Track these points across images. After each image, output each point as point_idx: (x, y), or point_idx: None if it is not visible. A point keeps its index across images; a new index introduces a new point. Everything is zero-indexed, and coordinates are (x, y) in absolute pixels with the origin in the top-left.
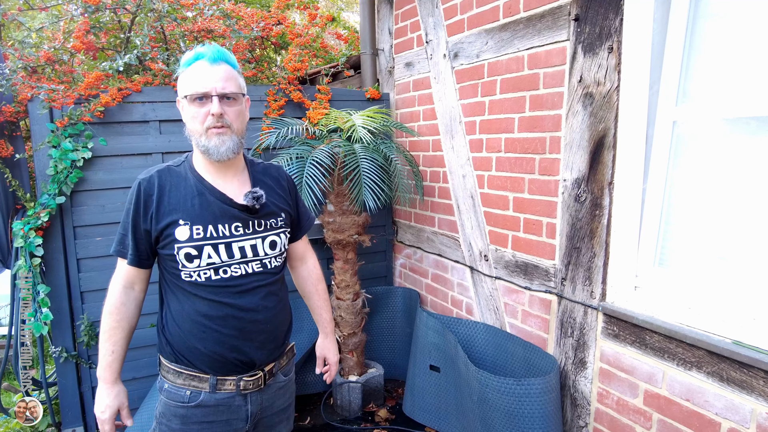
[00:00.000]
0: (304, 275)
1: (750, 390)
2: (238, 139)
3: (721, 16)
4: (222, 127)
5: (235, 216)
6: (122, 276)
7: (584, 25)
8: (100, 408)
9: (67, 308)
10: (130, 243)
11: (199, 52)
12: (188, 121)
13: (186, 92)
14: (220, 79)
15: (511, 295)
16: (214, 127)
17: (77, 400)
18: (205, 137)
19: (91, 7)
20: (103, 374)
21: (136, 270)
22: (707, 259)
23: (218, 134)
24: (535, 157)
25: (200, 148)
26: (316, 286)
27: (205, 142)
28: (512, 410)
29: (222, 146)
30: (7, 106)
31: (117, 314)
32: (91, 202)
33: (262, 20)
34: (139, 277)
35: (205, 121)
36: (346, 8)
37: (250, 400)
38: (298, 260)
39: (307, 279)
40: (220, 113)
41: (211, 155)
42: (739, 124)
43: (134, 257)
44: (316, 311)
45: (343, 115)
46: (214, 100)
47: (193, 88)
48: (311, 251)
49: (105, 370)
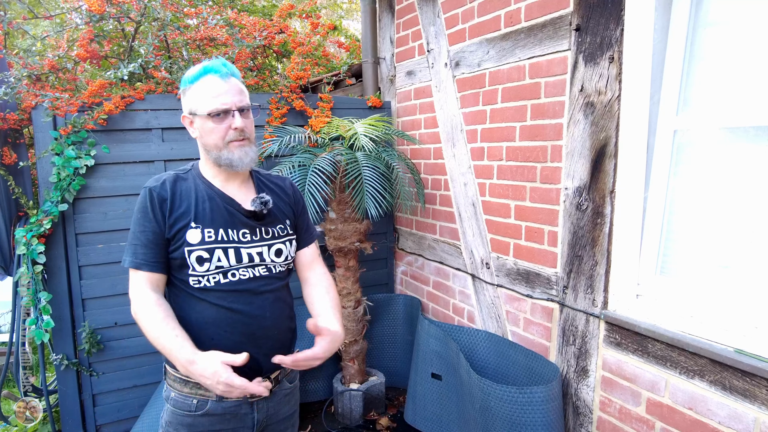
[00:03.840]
0: (313, 282)
1: (753, 399)
2: (256, 149)
3: (720, 25)
4: (243, 139)
5: (243, 222)
6: (146, 281)
7: (585, 34)
8: (216, 378)
9: (69, 316)
10: (150, 251)
11: (206, 66)
12: (205, 135)
13: (205, 109)
14: (236, 94)
15: (512, 302)
16: (236, 140)
17: (78, 408)
18: (227, 150)
19: (95, 16)
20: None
21: (159, 275)
22: (709, 268)
23: (240, 146)
24: (536, 166)
25: (223, 161)
26: (328, 290)
27: (229, 156)
28: (514, 418)
29: (246, 158)
30: (10, 114)
31: (159, 306)
32: (93, 210)
33: (264, 29)
34: (162, 282)
35: (226, 135)
36: (347, 16)
37: (257, 407)
38: (307, 268)
39: (316, 285)
40: (243, 128)
41: (236, 167)
42: (739, 132)
43: (158, 264)
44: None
45: (345, 123)
46: (235, 115)
47: (212, 105)
48: (321, 261)
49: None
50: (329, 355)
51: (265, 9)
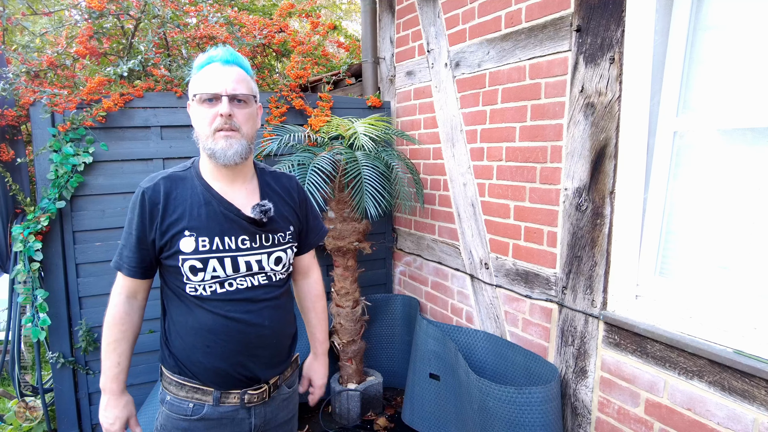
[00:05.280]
0: (304, 290)
1: (752, 400)
2: (247, 144)
3: (720, 28)
4: (231, 129)
5: (243, 228)
6: (124, 287)
7: (586, 36)
8: (109, 420)
9: (65, 313)
10: (133, 255)
11: (211, 54)
12: (196, 123)
13: (195, 92)
14: (231, 81)
15: (511, 303)
16: (222, 129)
17: (74, 407)
18: (212, 139)
19: (95, 13)
20: (110, 386)
21: (139, 281)
22: (708, 269)
23: (226, 137)
24: (536, 166)
25: (206, 152)
26: (314, 303)
27: (212, 145)
28: (513, 419)
29: (229, 149)
30: (8, 110)
31: (121, 325)
32: (91, 207)
33: (264, 28)
34: (142, 287)
35: (213, 122)
36: (345, 17)
37: (254, 413)
38: (301, 274)
39: (307, 295)
40: (229, 114)
41: (218, 159)
42: (739, 134)
43: (137, 269)
44: (311, 329)
45: (344, 123)
46: (223, 100)
47: (203, 88)
48: (316, 266)
49: (112, 382)
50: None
51: (265, 8)
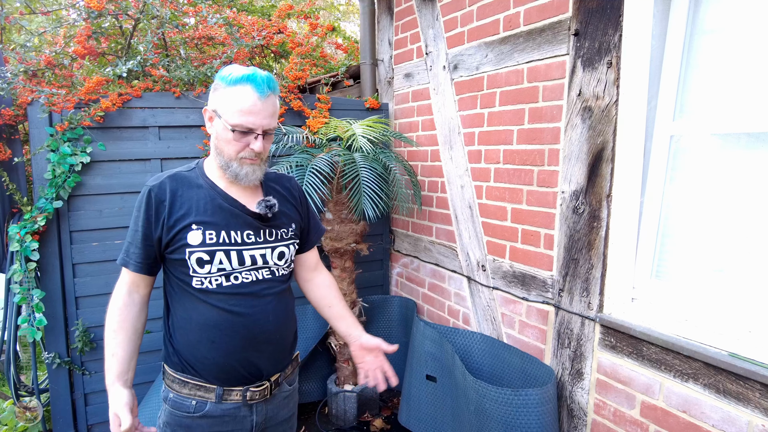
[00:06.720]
0: (318, 281)
1: (746, 402)
2: (265, 168)
3: (717, 32)
4: (257, 160)
5: (248, 223)
6: (127, 282)
7: (584, 39)
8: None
9: (62, 314)
10: (139, 251)
11: (249, 75)
12: (222, 143)
13: (231, 120)
14: (267, 116)
15: (508, 305)
16: (249, 159)
17: (69, 407)
18: (237, 164)
19: (93, 13)
20: (105, 376)
21: (142, 277)
22: (704, 272)
23: (251, 164)
24: (533, 169)
25: (229, 171)
26: (337, 291)
27: (237, 169)
28: (509, 421)
29: (252, 175)
30: (6, 110)
31: (119, 315)
32: (88, 207)
33: (263, 29)
34: (144, 283)
35: (243, 151)
36: (343, 18)
37: (256, 410)
38: (312, 270)
39: (322, 283)
40: (261, 151)
41: (241, 181)
42: (734, 139)
43: (143, 264)
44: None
45: (343, 124)
46: (258, 138)
47: (239, 118)
48: (321, 263)
49: (107, 372)
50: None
51: (263, 9)
